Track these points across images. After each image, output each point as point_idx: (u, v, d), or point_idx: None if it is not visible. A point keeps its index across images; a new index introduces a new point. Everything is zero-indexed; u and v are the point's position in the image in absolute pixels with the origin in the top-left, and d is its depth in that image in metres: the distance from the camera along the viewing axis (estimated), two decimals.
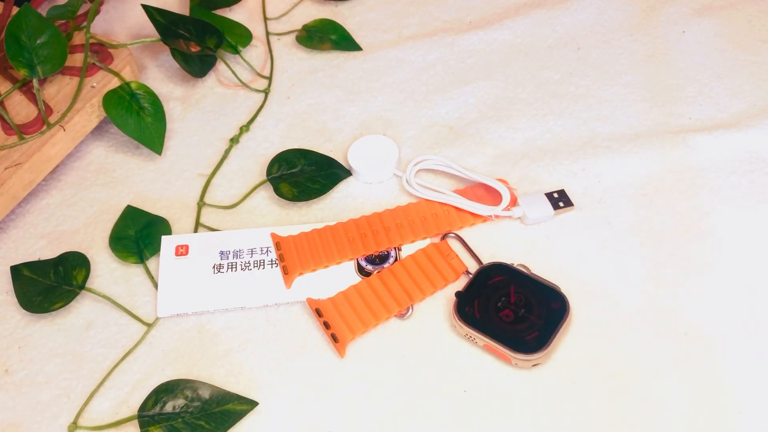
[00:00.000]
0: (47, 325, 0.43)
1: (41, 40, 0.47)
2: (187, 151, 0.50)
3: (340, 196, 0.47)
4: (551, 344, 0.39)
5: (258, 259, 0.44)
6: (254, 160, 0.49)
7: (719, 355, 0.39)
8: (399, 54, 0.55)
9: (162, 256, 0.44)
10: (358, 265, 0.44)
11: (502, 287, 0.41)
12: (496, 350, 0.40)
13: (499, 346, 0.39)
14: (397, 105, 0.52)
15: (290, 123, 0.51)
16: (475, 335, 0.40)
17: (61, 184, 0.49)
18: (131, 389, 0.40)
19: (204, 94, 0.54)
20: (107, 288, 0.44)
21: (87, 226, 0.47)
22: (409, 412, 0.39)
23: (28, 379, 0.41)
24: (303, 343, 0.41)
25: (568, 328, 0.41)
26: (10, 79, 0.50)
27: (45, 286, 0.44)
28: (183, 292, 0.43)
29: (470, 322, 0.40)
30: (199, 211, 0.47)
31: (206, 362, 0.41)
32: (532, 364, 0.39)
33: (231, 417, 0.39)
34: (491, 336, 0.40)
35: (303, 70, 0.55)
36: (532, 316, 0.40)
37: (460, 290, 0.41)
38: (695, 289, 0.42)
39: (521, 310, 0.40)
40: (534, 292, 0.41)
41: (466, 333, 0.40)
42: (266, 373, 0.40)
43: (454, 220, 0.45)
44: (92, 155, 0.51)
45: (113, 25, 0.57)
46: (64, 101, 0.48)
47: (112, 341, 0.42)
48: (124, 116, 0.49)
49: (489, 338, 0.39)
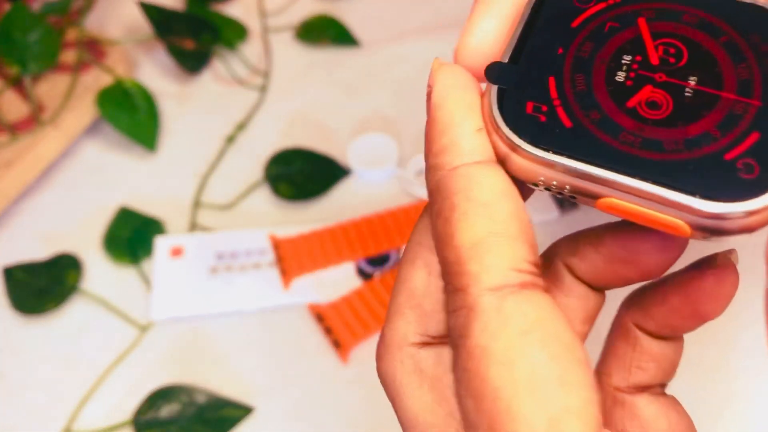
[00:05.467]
0: (39, 328, 0.42)
1: (33, 36, 0.46)
2: (182, 150, 0.49)
3: (339, 196, 0.47)
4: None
5: (255, 261, 0.43)
6: (251, 158, 0.48)
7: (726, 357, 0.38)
8: (399, 50, 0.54)
9: (156, 257, 0.43)
10: (357, 266, 0.43)
11: (617, 28, 0.20)
12: (639, 212, 0.18)
13: (657, 190, 0.18)
14: (398, 103, 0.51)
15: (288, 121, 0.51)
16: (572, 173, 0.18)
17: (53, 183, 0.48)
18: (125, 394, 0.39)
19: (200, 91, 0.53)
20: (101, 290, 0.43)
21: (80, 226, 0.46)
22: None
23: (21, 382, 0.40)
24: (301, 347, 0.40)
25: None
26: (1, 76, 0.49)
27: (37, 288, 0.43)
28: (178, 295, 0.42)
29: (550, 140, 0.19)
30: (194, 211, 0.46)
31: (202, 366, 0.40)
32: (763, 218, 0.18)
33: (227, 423, 0.38)
34: (627, 169, 0.18)
35: (301, 67, 0.54)
36: (725, 91, 0.18)
37: (496, 63, 0.20)
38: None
39: (690, 77, 0.19)
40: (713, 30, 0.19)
41: (540, 171, 0.19)
42: (263, 377, 0.39)
43: None
44: (86, 154, 0.50)
45: (107, 22, 0.56)
46: (57, 99, 0.47)
47: (105, 344, 0.41)
48: (117, 114, 0.48)
49: (626, 175, 0.18)
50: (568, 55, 0.20)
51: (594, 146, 0.18)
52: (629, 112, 0.19)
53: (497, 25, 0.21)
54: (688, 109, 0.18)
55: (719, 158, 0.18)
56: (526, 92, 0.19)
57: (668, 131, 0.18)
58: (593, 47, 0.20)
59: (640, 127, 0.18)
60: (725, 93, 0.18)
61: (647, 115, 0.18)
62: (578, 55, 0.20)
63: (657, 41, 0.19)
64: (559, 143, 0.18)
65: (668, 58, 0.19)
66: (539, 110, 0.19)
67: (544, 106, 0.19)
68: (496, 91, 0.19)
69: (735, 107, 0.18)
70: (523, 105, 0.19)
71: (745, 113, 0.18)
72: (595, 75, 0.19)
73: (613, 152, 0.18)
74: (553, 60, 0.20)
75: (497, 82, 0.20)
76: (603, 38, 0.20)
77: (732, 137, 0.18)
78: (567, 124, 0.19)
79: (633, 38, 0.19)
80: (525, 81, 0.19)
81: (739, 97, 0.18)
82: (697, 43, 0.19)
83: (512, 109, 0.19)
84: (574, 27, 0.20)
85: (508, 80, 0.20)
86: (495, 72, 0.20)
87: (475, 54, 0.21)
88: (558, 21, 0.20)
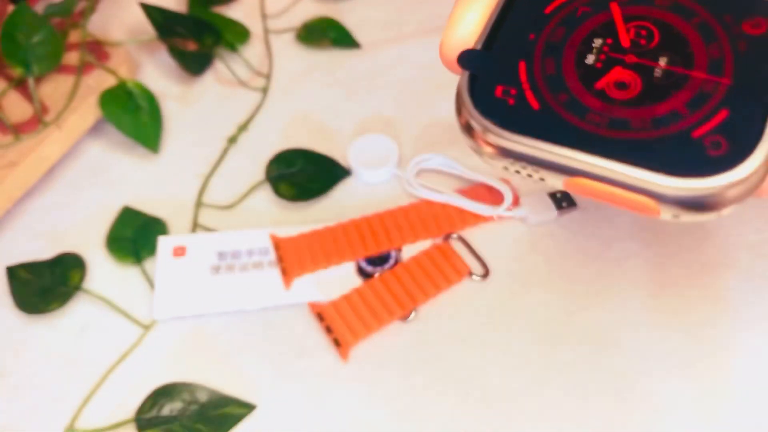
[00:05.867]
0: (43, 327, 0.42)
1: (37, 38, 0.47)
2: (184, 151, 0.50)
3: (339, 196, 0.47)
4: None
5: (257, 261, 0.43)
6: (252, 159, 0.49)
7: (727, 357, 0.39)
8: (399, 52, 0.54)
9: (159, 257, 0.44)
10: (358, 266, 0.43)
11: (588, 13, 0.20)
12: (609, 192, 0.18)
13: (622, 168, 0.18)
14: (398, 104, 0.51)
15: (289, 122, 0.51)
16: (539, 154, 0.19)
17: (57, 184, 0.48)
18: (128, 392, 0.40)
19: (202, 93, 0.53)
20: (104, 289, 0.43)
21: (83, 226, 0.46)
22: (411, 416, 0.38)
23: (24, 381, 0.40)
24: (302, 346, 0.41)
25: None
26: (5, 77, 0.49)
27: (41, 287, 0.43)
28: (180, 294, 0.42)
29: (518, 122, 0.19)
30: (196, 211, 0.47)
31: (204, 365, 0.40)
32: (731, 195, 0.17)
33: (229, 420, 0.38)
34: (592, 149, 0.18)
35: (302, 69, 0.54)
36: (695, 70, 0.18)
37: (469, 50, 0.20)
38: (702, 291, 0.41)
39: (660, 58, 0.19)
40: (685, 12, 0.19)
41: (508, 152, 0.19)
42: (264, 375, 0.40)
43: (455, 220, 0.44)
44: (88, 155, 0.50)
45: (109, 23, 0.56)
46: (60, 100, 0.48)
47: (108, 343, 0.41)
48: (120, 115, 0.48)
49: (592, 154, 0.18)
50: (539, 40, 0.20)
51: (561, 127, 0.19)
52: (597, 93, 0.19)
53: (479, 16, 0.21)
54: (657, 89, 0.19)
55: (687, 135, 0.18)
56: (496, 77, 0.20)
57: (636, 111, 0.18)
58: (564, 32, 0.20)
59: (608, 107, 0.19)
60: (695, 72, 0.19)
61: (615, 96, 0.19)
62: (549, 40, 0.20)
63: (629, 24, 0.20)
64: (526, 125, 0.19)
65: (639, 40, 0.19)
66: (508, 93, 0.19)
67: (513, 90, 0.19)
68: (467, 76, 0.20)
69: (705, 86, 0.18)
70: (493, 89, 0.20)
71: (714, 92, 0.18)
72: (565, 59, 0.20)
73: (579, 133, 0.18)
74: (524, 45, 0.20)
75: (469, 68, 0.20)
76: (575, 23, 0.20)
77: (700, 115, 0.18)
78: (534, 106, 0.19)
79: (604, 22, 0.20)
80: (496, 66, 0.20)
81: (710, 76, 0.18)
82: (669, 25, 0.19)
83: (482, 93, 0.20)
84: (547, 13, 0.21)
85: (479, 66, 0.20)
86: (467, 58, 0.20)
87: (458, 46, 0.21)
88: (531, 8, 0.21)
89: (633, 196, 0.18)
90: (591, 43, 0.20)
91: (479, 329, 0.41)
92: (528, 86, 0.19)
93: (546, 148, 0.19)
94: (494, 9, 0.21)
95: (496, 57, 0.20)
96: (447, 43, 0.21)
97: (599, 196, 0.19)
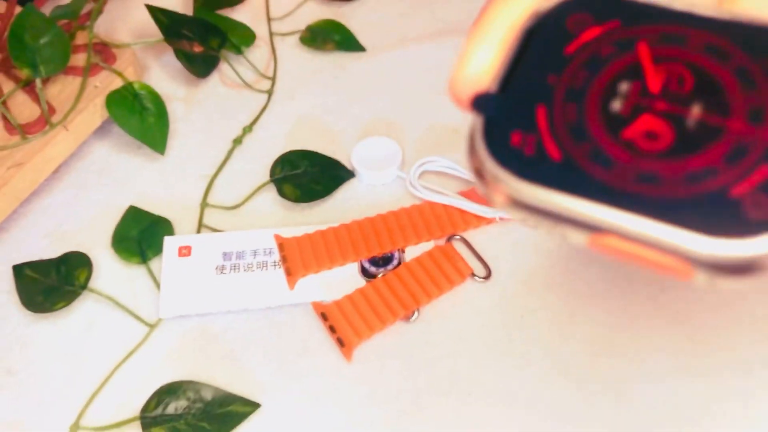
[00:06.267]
0: (49, 325, 0.43)
1: (44, 40, 0.47)
2: (189, 152, 0.50)
3: (343, 198, 0.47)
4: None
5: (261, 261, 0.44)
6: (257, 161, 0.49)
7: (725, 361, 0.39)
8: (403, 55, 0.55)
9: (165, 256, 0.44)
10: (361, 267, 0.44)
11: (613, 54, 0.19)
12: (637, 252, 0.17)
13: (652, 228, 0.16)
14: (401, 106, 0.52)
15: (293, 124, 0.51)
16: (559, 208, 0.17)
17: (64, 184, 0.49)
18: (133, 390, 0.40)
19: (207, 95, 0.53)
20: (109, 288, 0.44)
21: (89, 226, 0.47)
22: (414, 416, 0.38)
23: (30, 379, 0.41)
24: (306, 345, 0.41)
25: None
26: (13, 78, 0.50)
27: (47, 286, 0.43)
28: (186, 293, 0.43)
29: (536, 173, 0.18)
30: (201, 211, 0.47)
31: (208, 364, 0.41)
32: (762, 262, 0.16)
33: (233, 419, 0.39)
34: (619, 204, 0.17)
35: (306, 71, 0.54)
36: (733, 120, 0.17)
37: (484, 92, 0.19)
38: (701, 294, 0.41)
39: (693, 106, 0.17)
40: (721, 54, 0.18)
41: (525, 205, 0.18)
42: (269, 375, 0.40)
43: (458, 222, 0.45)
44: (95, 155, 0.50)
45: (116, 25, 0.57)
46: (67, 101, 0.48)
47: (114, 342, 0.42)
48: (127, 116, 0.48)
49: (618, 209, 0.17)
50: (559, 83, 0.18)
51: (583, 180, 0.17)
52: (624, 143, 0.17)
53: (492, 54, 0.20)
54: (690, 140, 0.17)
55: (724, 194, 0.16)
56: (512, 122, 0.18)
57: (667, 164, 0.17)
58: (587, 75, 0.18)
59: (636, 159, 0.17)
60: (733, 122, 0.17)
61: (644, 147, 0.17)
62: (570, 84, 0.18)
63: (658, 67, 0.18)
64: (545, 176, 0.17)
65: (670, 86, 0.18)
66: (526, 141, 0.18)
67: (532, 137, 0.18)
68: (482, 120, 0.19)
69: (743, 138, 0.17)
70: (509, 136, 0.18)
71: (754, 144, 0.16)
72: (587, 104, 0.18)
73: (604, 187, 0.17)
74: (543, 89, 0.18)
75: (484, 113, 0.19)
76: (598, 65, 0.18)
77: (739, 171, 0.16)
78: (555, 156, 0.17)
79: (631, 65, 0.18)
80: (512, 111, 0.18)
81: (749, 126, 0.17)
82: (703, 69, 0.18)
83: (498, 140, 0.18)
84: (568, 54, 0.19)
85: (495, 110, 0.19)
86: (482, 102, 0.19)
87: (469, 85, 0.20)
88: (550, 48, 0.19)
89: (664, 258, 0.16)
90: (616, 87, 0.18)
91: (481, 330, 0.41)
92: (548, 134, 0.18)
93: (567, 203, 0.17)
94: (510, 47, 0.19)
95: (512, 101, 0.19)
96: (458, 80, 0.20)
97: (627, 257, 0.17)
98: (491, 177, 0.18)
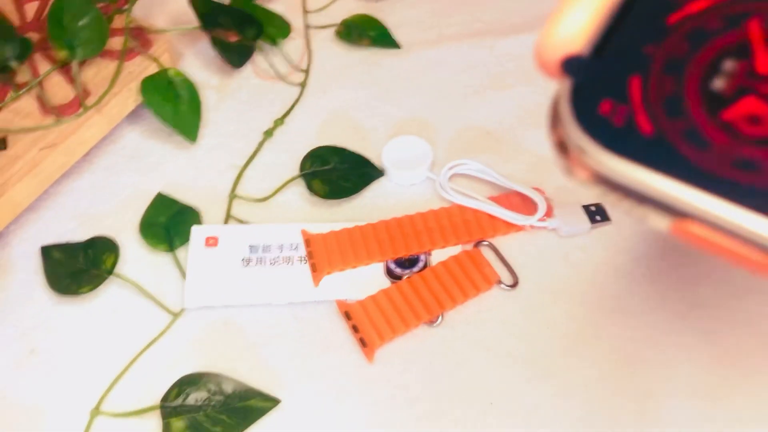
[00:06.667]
0: (74, 308, 0.43)
1: (83, 22, 0.47)
2: (220, 141, 0.50)
3: (371, 196, 0.47)
4: None
5: (287, 255, 0.44)
6: (287, 154, 0.49)
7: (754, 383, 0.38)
8: (438, 54, 0.54)
9: (191, 246, 0.44)
10: (386, 267, 0.43)
11: (721, 29, 0.18)
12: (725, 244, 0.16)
13: (751, 220, 0.15)
14: (434, 106, 0.51)
15: (325, 119, 0.51)
16: (643, 186, 0.16)
17: (94, 167, 0.49)
18: (154, 379, 0.40)
19: (240, 85, 0.53)
20: (135, 275, 0.44)
21: (118, 210, 0.47)
22: (433, 420, 0.38)
23: (54, 361, 0.41)
24: (328, 343, 0.41)
25: None
26: (49, 59, 0.50)
27: (74, 269, 0.44)
28: (211, 284, 0.43)
29: (624, 146, 0.17)
30: (230, 202, 0.47)
31: (230, 356, 0.41)
32: None
33: (253, 413, 0.39)
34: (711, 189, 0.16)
35: (340, 66, 0.54)
36: None
37: (575, 55, 0.18)
38: (732, 313, 0.41)
39: None
40: None
41: (607, 180, 0.17)
42: (290, 370, 0.40)
43: (486, 228, 0.44)
44: (126, 140, 0.50)
45: (153, 10, 0.57)
46: (102, 85, 0.48)
47: (137, 329, 0.42)
48: (160, 103, 0.48)
49: (710, 195, 0.16)
50: (658, 53, 0.17)
51: (674, 160, 0.16)
52: (723, 125, 0.16)
53: (588, 17, 0.18)
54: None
55: None
56: (603, 90, 0.17)
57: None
58: (689, 48, 0.17)
59: (735, 144, 0.16)
60: None
61: (745, 131, 0.16)
62: (670, 56, 0.17)
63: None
64: (632, 151, 0.16)
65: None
66: (616, 111, 0.17)
67: (623, 108, 0.17)
68: (570, 85, 0.18)
69: None
70: (598, 104, 0.17)
71: None
72: (687, 79, 0.17)
73: (696, 169, 0.16)
74: (640, 58, 0.17)
75: (575, 77, 0.18)
76: (703, 39, 0.17)
77: None
78: (646, 130, 0.16)
79: (739, 42, 0.17)
80: (605, 78, 0.17)
81: None
82: None
83: (586, 106, 0.17)
84: (671, 24, 0.18)
85: (586, 75, 0.18)
86: (572, 66, 0.18)
87: (560, 46, 0.18)
88: (652, 16, 0.18)
89: (751, 252, 0.15)
90: (721, 64, 0.17)
91: (505, 338, 0.41)
92: (640, 106, 0.17)
93: (654, 181, 0.16)
94: (607, 11, 0.18)
95: (606, 67, 0.18)
96: (548, 40, 0.19)
97: (712, 248, 0.16)
98: (575, 147, 0.17)
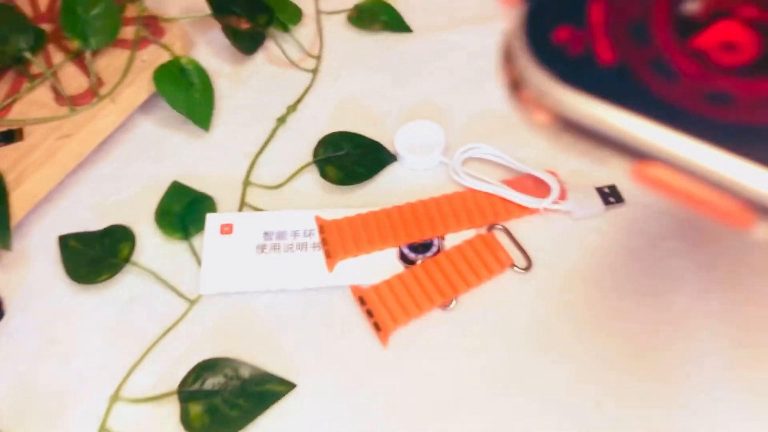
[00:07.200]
0: (92, 297, 0.43)
1: (96, 11, 0.47)
2: (233, 129, 0.50)
3: (385, 182, 0.47)
4: None
5: (301, 242, 0.44)
6: (300, 141, 0.49)
7: None
8: (450, 38, 0.54)
9: (207, 233, 0.44)
10: (400, 252, 0.43)
11: None
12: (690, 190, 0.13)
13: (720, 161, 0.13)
14: (447, 90, 0.51)
15: (338, 105, 0.51)
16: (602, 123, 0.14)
17: (109, 156, 0.49)
18: (172, 364, 0.41)
19: (252, 72, 0.53)
20: (152, 263, 0.44)
21: (133, 199, 0.47)
22: (448, 404, 0.38)
23: (73, 349, 0.42)
24: (343, 328, 0.41)
25: None
26: (62, 50, 0.50)
27: (91, 258, 0.44)
28: (226, 271, 0.43)
29: (581, 77, 0.14)
30: (244, 189, 0.47)
31: (246, 341, 0.41)
32: None
33: (269, 397, 0.39)
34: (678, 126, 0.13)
35: (352, 51, 0.54)
36: None
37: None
38: (750, 294, 0.40)
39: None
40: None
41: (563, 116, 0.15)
42: (305, 355, 0.40)
43: (500, 211, 0.44)
44: (140, 129, 0.51)
45: None
46: (115, 74, 0.49)
47: (154, 316, 0.42)
48: (173, 91, 0.49)
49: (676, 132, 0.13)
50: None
51: (637, 93, 0.14)
52: (694, 53, 0.14)
53: None
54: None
55: None
56: (561, 15, 0.15)
57: (746, 83, 0.13)
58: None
59: (707, 74, 0.14)
60: None
61: (719, 60, 0.14)
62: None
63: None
64: (591, 82, 0.14)
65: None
66: (574, 39, 0.15)
67: (582, 34, 0.15)
68: (525, 11, 0.15)
69: None
70: (554, 32, 0.15)
71: None
72: (655, 1, 0.15)
73: (662, 103, 0.13)
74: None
75: (528, 1, 0.15)
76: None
77: None
78: (607, 59, 0.14)
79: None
80: (563, 1, 0.15)
81: None
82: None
83: (541, 35, 0.15)
84: None
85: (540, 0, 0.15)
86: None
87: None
88: None
89: (721, 199, 0.13)
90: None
91: (520, 321, 0.41)
92: (601, 32, 0.15)
93: (613, 117, 0.14)
94: None
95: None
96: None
97: (675, 194, 0.14)
98: (529, 84, 0.14)
